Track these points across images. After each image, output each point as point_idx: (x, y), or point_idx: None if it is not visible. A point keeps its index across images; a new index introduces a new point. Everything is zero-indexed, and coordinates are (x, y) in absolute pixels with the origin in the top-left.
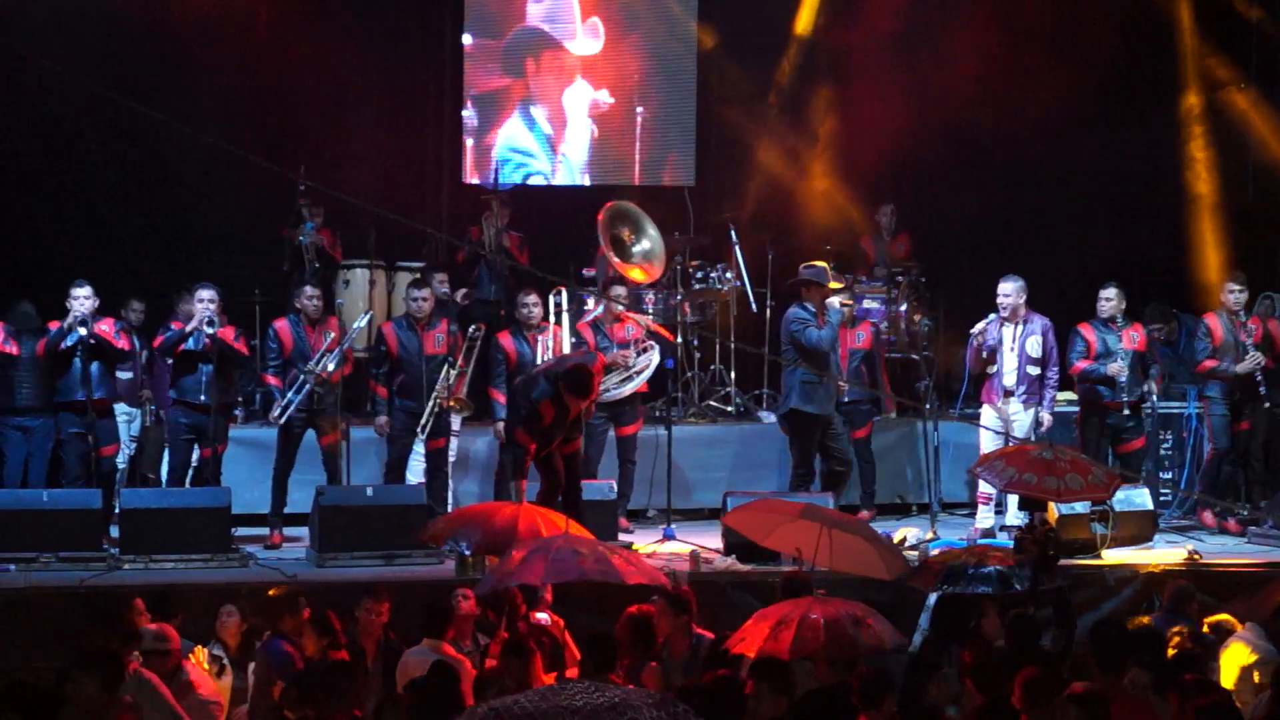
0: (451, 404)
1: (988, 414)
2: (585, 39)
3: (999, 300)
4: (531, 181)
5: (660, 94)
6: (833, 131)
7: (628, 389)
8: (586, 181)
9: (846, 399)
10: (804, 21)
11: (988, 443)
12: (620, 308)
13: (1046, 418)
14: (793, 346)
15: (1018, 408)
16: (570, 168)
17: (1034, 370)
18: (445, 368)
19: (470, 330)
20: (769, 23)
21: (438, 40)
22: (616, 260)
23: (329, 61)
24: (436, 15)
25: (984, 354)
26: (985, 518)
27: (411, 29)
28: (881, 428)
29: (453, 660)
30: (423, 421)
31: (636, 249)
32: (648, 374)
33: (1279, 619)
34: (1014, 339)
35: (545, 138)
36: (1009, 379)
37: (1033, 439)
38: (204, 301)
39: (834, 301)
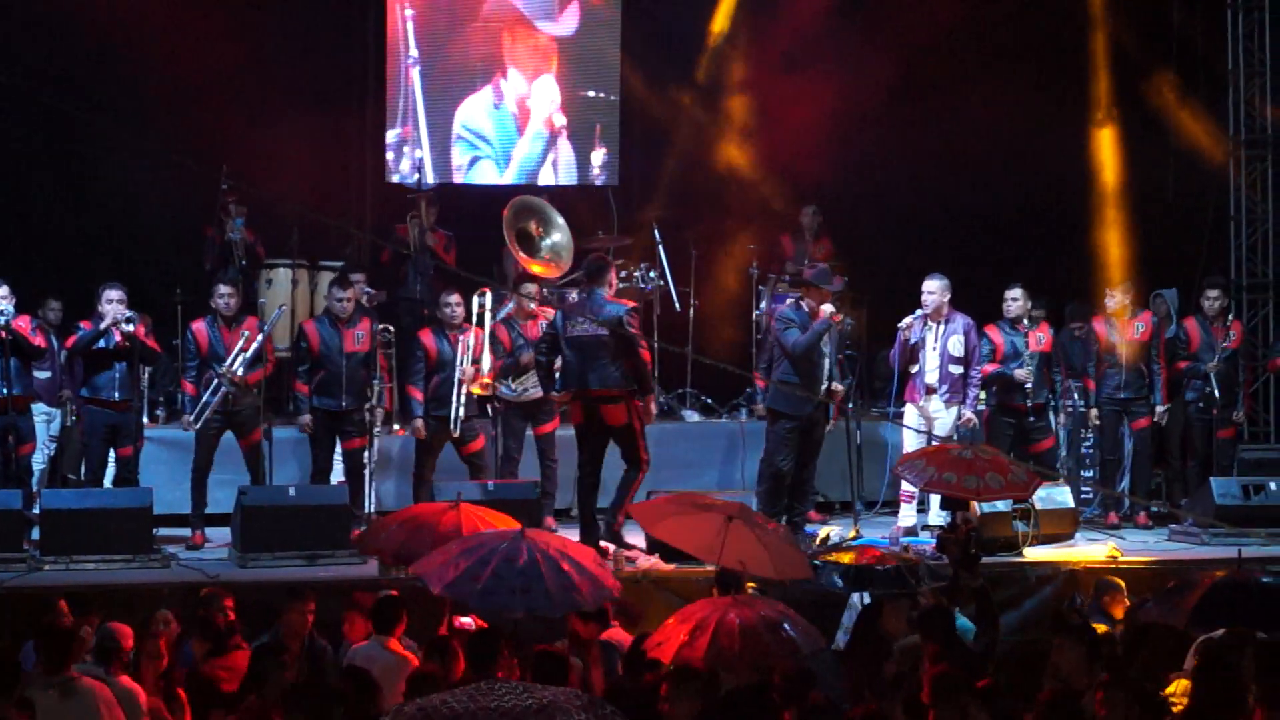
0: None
1: (911, 412)
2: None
3: (923, 298)
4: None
5: (583, 93)
6: (755, 131)
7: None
8: (510, 180)
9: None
10: (720, 21)
11: (911, 442)
12: (533, 304)
13: (970, 415)
14: (778, 344)
15: (939, 406)
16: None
17: (956, 369)
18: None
19: (380, 331)
20: (690, 21)
21: (361, 38)
22: (521, 255)
23: (252, 59)
24: (360, 14)
25: (908, 350)
26: (908, 516)
27: (335, 28)
28: None
29: (398, 656)
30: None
31: (546, 243)
32: None
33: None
34: (936, 338)
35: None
36: (931, 377)
37: (955, 437)
38: (113, 302)
39: (827, 308)
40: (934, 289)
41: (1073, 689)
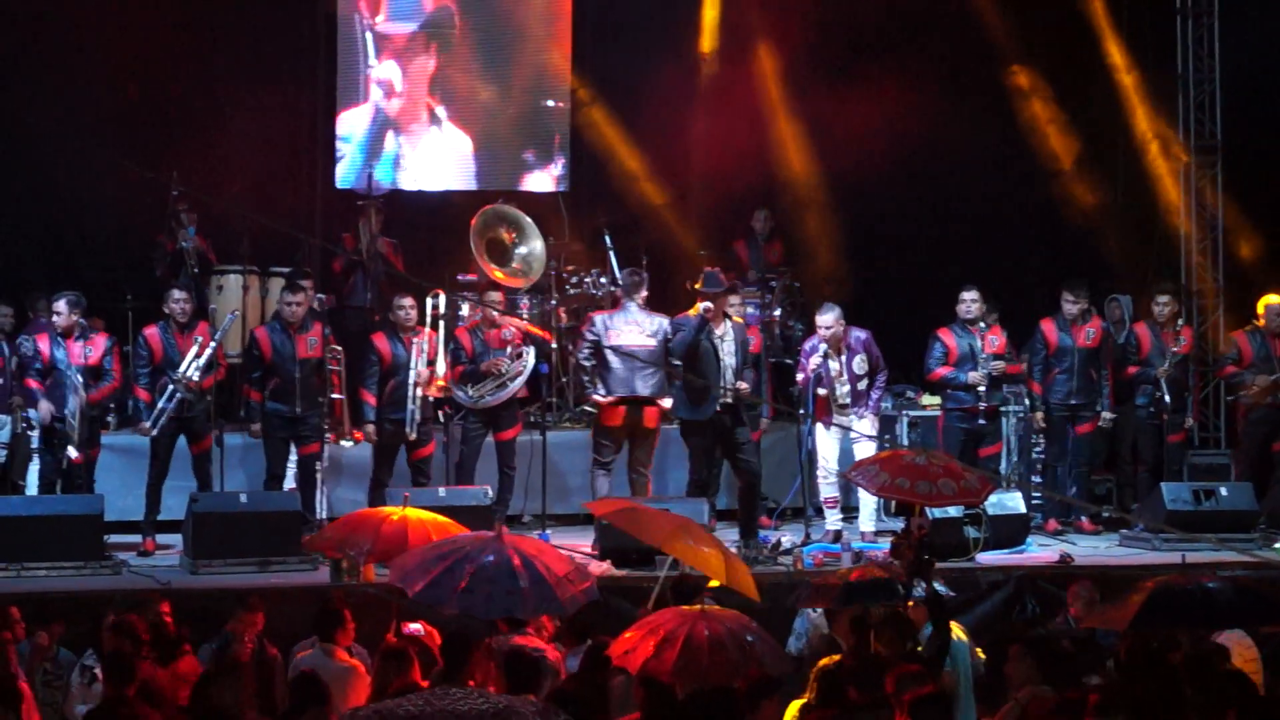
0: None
1: (822, 433)
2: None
3: (820, 333)
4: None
5: (534, 99)
6: (707, 136)
7: (504, 395)
8: (456, 186)
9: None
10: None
11: (826, 449)
12: (496, 313)
13: (872, 418)
14: (670, 353)
15: (854, 419)
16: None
17: (863, 385)
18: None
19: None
20: (643, 28)
21: (311, 44)
22: (486, 263)
23: (201, 66)
24: (309, 18)
25: (818, 385)
26: (834, 521)
27: (283, 34)
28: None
29: (344, 665)
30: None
31: (520, 251)
32: (523, 379)
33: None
34: (842, 368)
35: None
36: (844, 399)
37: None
38: (60, 314)
39: (700, 305)
40: (828, 323)
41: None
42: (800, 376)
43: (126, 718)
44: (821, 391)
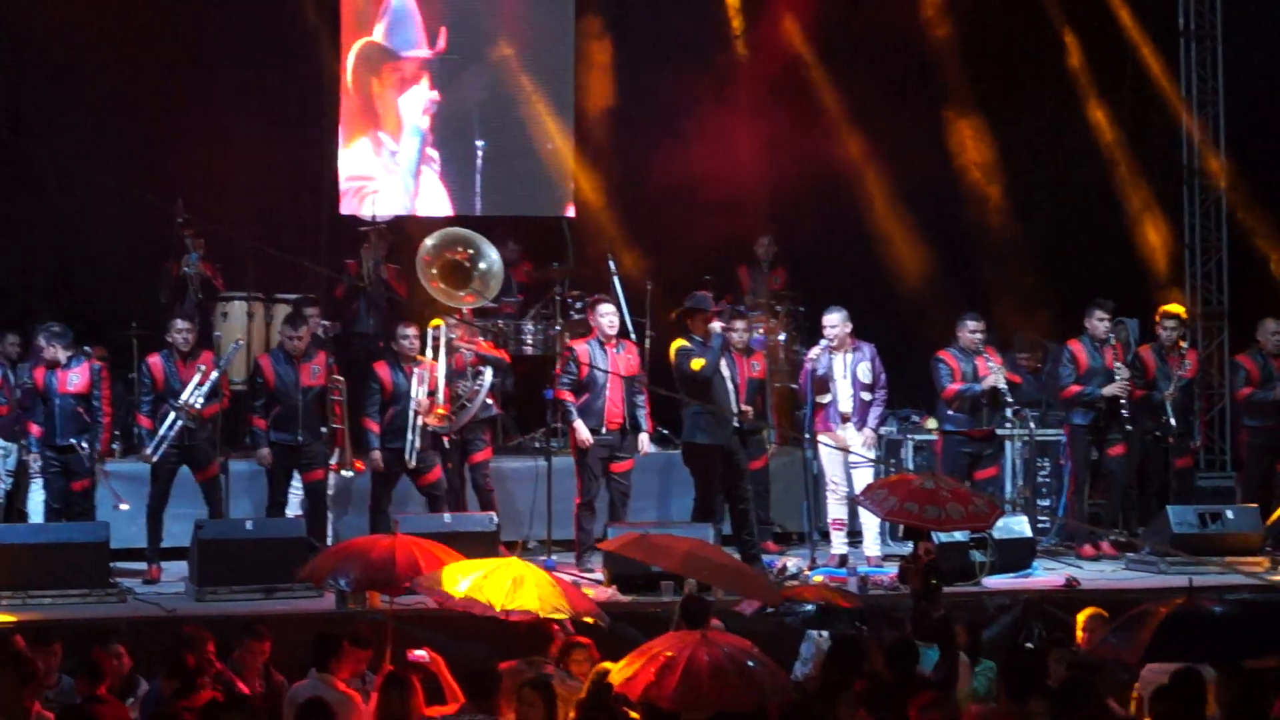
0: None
1: (826, 453)
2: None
3: (826, 332)
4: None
5: (538, 123)
6: (712, 161)
7: (465, 417)
8: (460, 212)
9: (744, 428)
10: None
11: (832, 467)
12: (453, 336)
13: (870, 434)
14: (681, 379)
15: (854, 434)
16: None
17: (866, 396)
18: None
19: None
20: (647, 50)
21: (315, 71)
22: (440, 286)
23: (207, 92)
24: (315, 47)
25: (817, 381)
26: (839, 545)
27: (288, 61)
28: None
29: (341, 695)
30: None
31: (480, 267)
32: (480, 398)
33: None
34: (845, 367)
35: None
36: (845, 405)
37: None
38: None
39: (715, 326)
40: (834, 322)
41: None
42: (803, 371)
43: None
44: (822, 400)
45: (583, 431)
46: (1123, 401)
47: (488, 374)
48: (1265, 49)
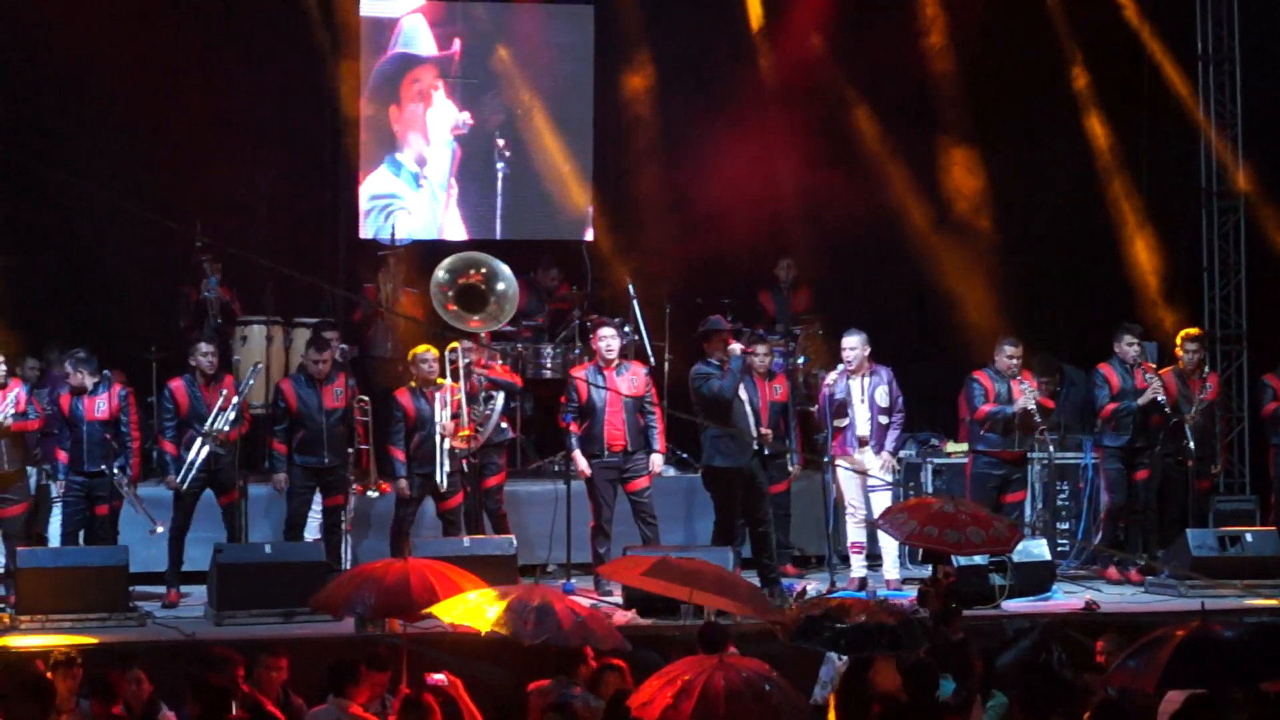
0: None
1: (844, 476)
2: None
3: (844, 354)
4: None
5: (557, 147)
6: (736, 183)
7: (478, 441)
8: (480, 236)
9: (767, 452)
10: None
11: (851, 490)
12: (466, 360)
13: (888, 458)
14: (699, 402)
15: (872, 457)
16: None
17: (884, 419)
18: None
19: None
20: (667, 73)
21: (333, 95)
22: (453, 309)
23: (225, 117)
24: (333, 72)
25: (835, 405)
26: (859, 568)
27: (308, 85)
28: None
29: (356, 718)
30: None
31: (498, 288)
32: (493, 422)
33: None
34: (863, 391)
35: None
36: (862, 429)
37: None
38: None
39: (735, 348)
40: (854, 344)
41: None
42: (820, 395)
43: None
44: (840, 424)
45: (580, 462)
46: (1160, 400)
47: (499, 398)
48: None
